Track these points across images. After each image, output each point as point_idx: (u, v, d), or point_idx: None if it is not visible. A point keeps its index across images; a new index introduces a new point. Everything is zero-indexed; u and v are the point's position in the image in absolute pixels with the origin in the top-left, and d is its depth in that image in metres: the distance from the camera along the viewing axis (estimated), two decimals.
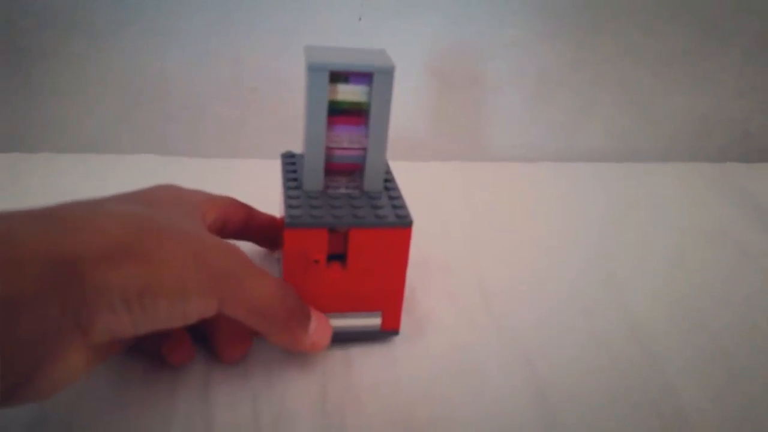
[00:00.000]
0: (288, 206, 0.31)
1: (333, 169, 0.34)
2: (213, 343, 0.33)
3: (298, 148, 0.52)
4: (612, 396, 0.34)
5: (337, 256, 0.32)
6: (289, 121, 0.52)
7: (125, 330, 0.24)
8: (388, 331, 0.35)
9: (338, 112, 0.32)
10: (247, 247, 0.39)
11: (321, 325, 0.32)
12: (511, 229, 0.48)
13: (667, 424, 0.32)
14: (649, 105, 0.57)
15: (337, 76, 0.31)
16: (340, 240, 0.32)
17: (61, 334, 0.23)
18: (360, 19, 0.51)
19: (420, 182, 0.35)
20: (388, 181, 0.35)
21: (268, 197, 0.39)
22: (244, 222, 0.36)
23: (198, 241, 0.28)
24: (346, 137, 0.33)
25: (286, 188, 0.33)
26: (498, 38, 0.53)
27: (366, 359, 0.35)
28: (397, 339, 0.36)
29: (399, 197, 0.34)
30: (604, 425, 0.32)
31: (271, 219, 0.38)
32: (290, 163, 0.37)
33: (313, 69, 0.30)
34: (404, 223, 0.32)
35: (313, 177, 0.33)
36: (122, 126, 0.54)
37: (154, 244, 0.26)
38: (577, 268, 0.44)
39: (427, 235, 0.35)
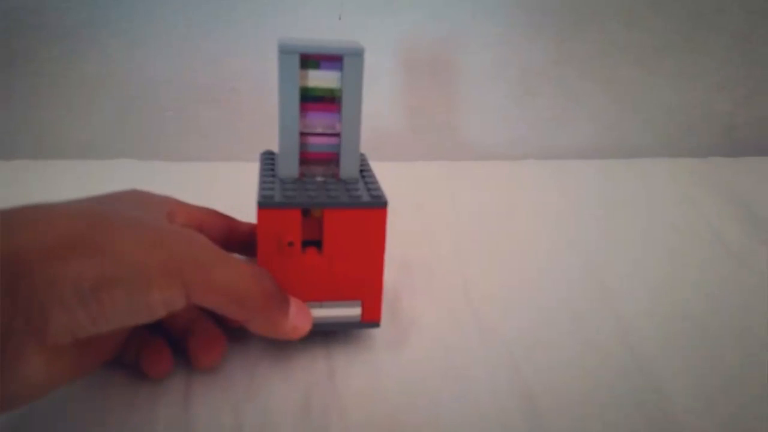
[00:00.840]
0: (261, 188, 0.31)
1: (308, 159, 0.34)
2: (188, 350, 0.31)
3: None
4: (600, 399, 0.33)
5: (313, 243, 0.32)
6: (271, 123, 0.53)
7: (84, 327, 0.23)
8: (368, 323, 0.34)
9: (311, 98, 0.32)
10: None
11: (300, 309, 0.31)
12: (497, 229, 0.47)
13: (656, 428, 0.31)
14: (633, 100, 0.57)
15: (308, 62, 0.31)
16: (314, 225, 0.31)
17: (13, 336, 0.21)
18: (340, 17, 0.51)
19: (403, 182, 0.35)
20: (365, 170, 0.35)
21: (251, 201, 0.39)
22: (224, 234, 0.35)
23: (156, 229, 0.26)
24: (319, 123, 0.33)
25: (261, 176, 0.33)
26: (480, 34, 0.53)
27: (350, 364, 0.34)
28: (381, 344, 0.35)
29: (374, 182, 0.33)
30: (592, 429, 0.31)
31: (253, 228, 0.37)
32: (269, 159, 0.37)
33: (284, 51, 0.31)
34: (379, 204, 0.31)
35: (288, 163, 0.33)
36: (101, 131, 0.54)
37: (107, 235, 0.24)
38: (562, 267, 0.43)
39: (412, 237, 0.35)
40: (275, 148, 0.38)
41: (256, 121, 0.54)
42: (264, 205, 0.30)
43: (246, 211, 0.37)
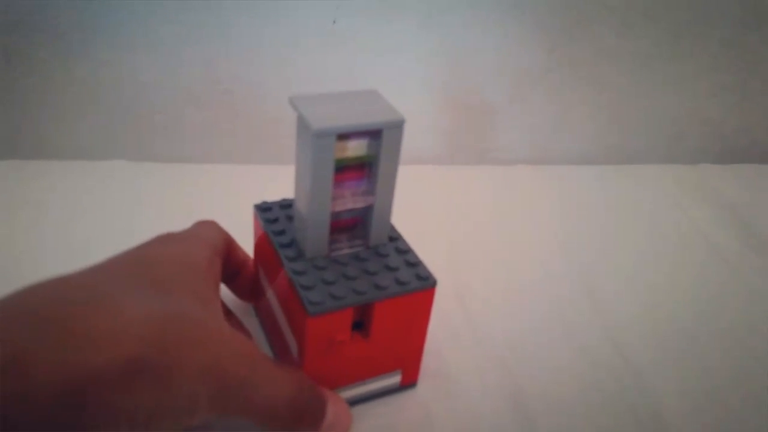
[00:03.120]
0: (300, 287, 0.28)
1: (334, 227, 0.30)
2: None
3: (271, 154, 0.51)
4: (590, 403, 0.34)
5: (356, 324, 0.30)
6: (263, 126, 0.52)
7: None
8: (406, 385, 0.33)
9: (340, 168, 0.28)
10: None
11: (339, 413, 0.29)
12: (489, 234, 0.47)
13: (645, 428, 0.33)
14: (624, 107, 0.57)
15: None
16: (359, 309, 0.29)
17: None
18: (334, 22, 0.48)
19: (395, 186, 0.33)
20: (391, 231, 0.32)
21: (244, 203, 0.36)
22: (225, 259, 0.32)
23: (217, 344, 0.24)
24: (348, 194, 0.29)
25: (286, 259, 0.29)
26: (472, 41, 0.51)
27: None
28: None
29: (409, 250, 0.31)
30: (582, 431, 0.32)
31: (245, 259, 0.35)
32: (271, 219, 0.32)
33: (319, 135, 0.26)
34: (428, 285, 0.29)
35: (318, 243, 0.29)
36: (94, 133, 0.51)
37: (174, 357, 0.22)
38: (554, 272, 0.44)
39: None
40: (267, 152, 0.34)
41: (249, 123, 0.52)
42: (315, 313, 0.27)
43: (238, 214, 0.36)
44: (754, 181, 0.57)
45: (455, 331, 0.38)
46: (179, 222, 0.32)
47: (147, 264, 0.26)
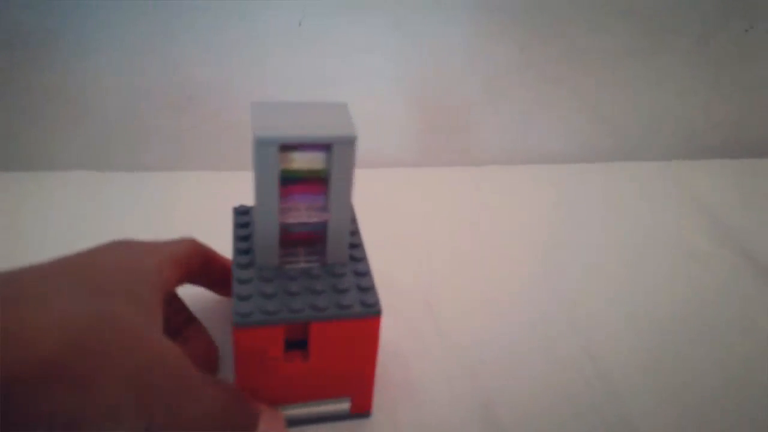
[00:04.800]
0: (236, 296, 0.27)
1: (290, 240, 0.29)
2: None
3: (239, 160, 0.46)
4: (561, 410, 0.33)
5: (298, 343, 0.28)
6: (230, 129, 0.50)
7: None
8: (358, 414, 0.31)
9: (293, 180, 0.27)
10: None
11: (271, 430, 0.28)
12: (462, 238, 0.46)
13: None
14: (596, 105, 0.56)
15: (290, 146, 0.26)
16: (299, 327, 0.28)
17: None
18: (300, 24, 0.47)
19: (365, 190, 0.32)
20: (355, 246, 0.31)
21: (211, 210, 0.36)
22: (201, 268, 0.31)
23: (146, 352, 0.23)
24: (303, 207, 0.28)
25: (236, 264, 0.29)
26: (443, 41, 0.50)
27: None
28: None
29: (366, 273, 0.29)
30: None
31: (229, 264, 0.33)
32: (243, 224, 0.32)
33: (261, 143, 0.25)
34: (372, 313, 0.28)
35: (267, 253, 0.29)
36: (55, 141, 0.49)
37: (96, 362, 0.22)
38: (525, 276, 0.42)
39: (372, 247, 0.32)
40: (235, 157, 0.34)
41: (215, 130, 0.51)
42: (241, 324, 0.26)
43: (207, 221, 0.35)
44: (725, 177, 0.56)
45: (423, 339, 0.37)
46: (158, 231, 0.31)
47: (89, 267, 0.26)
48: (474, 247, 0.45)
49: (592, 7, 0.51)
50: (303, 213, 0.28)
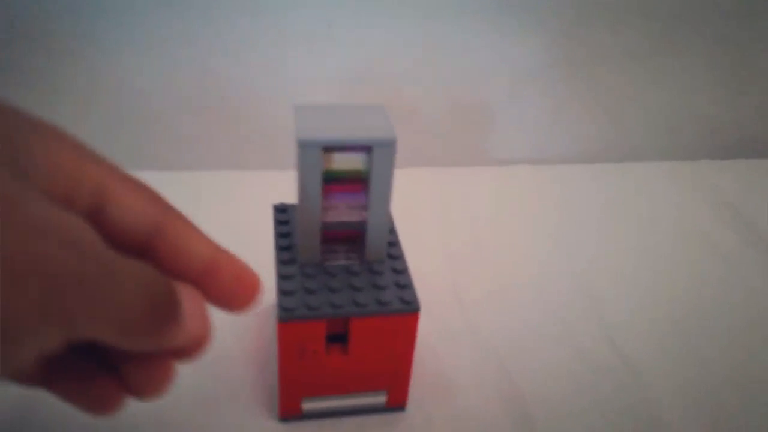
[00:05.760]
0: (280, 291, 0.28)
1: (331, 237, 0.30)
2: (124, 374, 0.21)
3: (272, 159, 0.50)
4: (588, 402, 0.34)
5: (338, 336, 0.30)
6: (260, 132, 0.51)
7: None
8: (393, 407, 0.32)
9: (334, 180, 0.28)
10: None
11: (194, 312, 0.20)
12: (487, 234, 0.47)
13: (644, 430, 0.32)
14: (620, 105, 0.56)
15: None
16: (339, 322, 0.29)
17: None
18: (329, 26, 0.48)
19: (394, 188, 0.31)
20: (393, 244, 0.32)
21: (243, 213, 0.37)
22: (145, 234, 0.20)
23: (33, 230, 0.16)
24: (343, 206, 0.29)
25: (279, 261, 0.30)
26: (469, 39, 0.51)
27: None
28: None
29: (404, 271, 0.30)
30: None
31: (211, 254, 0.21)
32: (283, 221, 0.33)
33: (304, 146, 0.26)
34: (410, 310, 0.29)
35: (310, 250, 0.30)
36: (88, 142, 0.50)
37: None
38: (551, 271, 0.43)
39: (402, 243, 0.33)
40: (265, 157, 0.34)
41: (245, 130, 0.52)
42: (285, 319, 0.27)
43: (236, 223, 0.36)
44: (751, 176, 0.56)
45: (453, 332, 0.38)
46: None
47: None
48: (500, 243, 0.46)
49: (615, 7, 0.51)
50: (343, 212, 0.29)
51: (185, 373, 0.23)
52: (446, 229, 0.47)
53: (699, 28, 0.53)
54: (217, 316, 0.21)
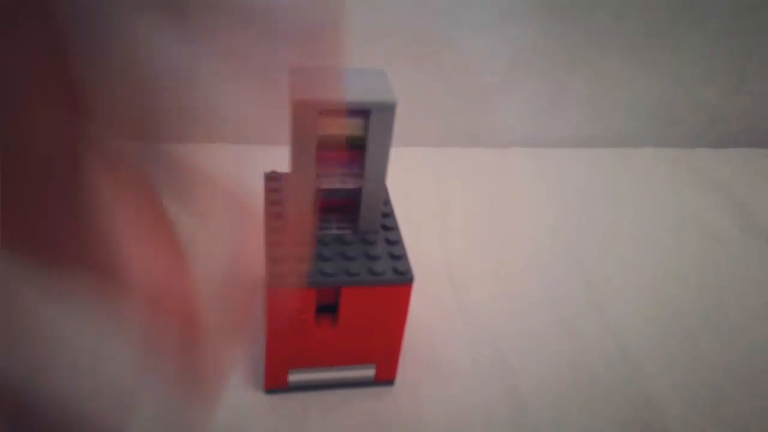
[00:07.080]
0: (269, 258, 0.27)
1: (324, 206, 0.30)
2: None
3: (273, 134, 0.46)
4: (584, 388, 0.33)
5: (328, 307, 0.29)
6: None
7: None
8: (381, 381, 0.32)
9: (329, 146, 0.27)
10: None
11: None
12: (482, 217, 0.46)
13: (639, 415, 0.32)
14: (619, 91, 0.56)
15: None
16: (330, 292, 0.28)
17: None
18: None
19: (389, 169, 0.31)
20: (387, 215, 0.31)
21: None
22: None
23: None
24: (338, 173, 0.28)
25: (269, 228, 0.29)
26: (467, 23, 0.50)
27: None
28: None
29: (398, 242, 0.30)
30: (576, 418, 0.32)
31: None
32: (274, 189, 0.32)
33: (299, 107, 0.25)
34: (404, 281, 0.28)
35: None
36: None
37: None
38: (547, 257, 0.43)
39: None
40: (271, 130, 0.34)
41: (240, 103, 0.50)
42: (274, 286, 0.26)
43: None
44: (749, 165, 0.56)
45: (447, 315, 0.37)
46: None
47: None
48: (495, 227, 0.45)
49: None
50: (337, 179, 0.28)
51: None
52: (441, 209, 0.46)
53: (700, 15, 0.53)
54: (205, 288, 0.20)
